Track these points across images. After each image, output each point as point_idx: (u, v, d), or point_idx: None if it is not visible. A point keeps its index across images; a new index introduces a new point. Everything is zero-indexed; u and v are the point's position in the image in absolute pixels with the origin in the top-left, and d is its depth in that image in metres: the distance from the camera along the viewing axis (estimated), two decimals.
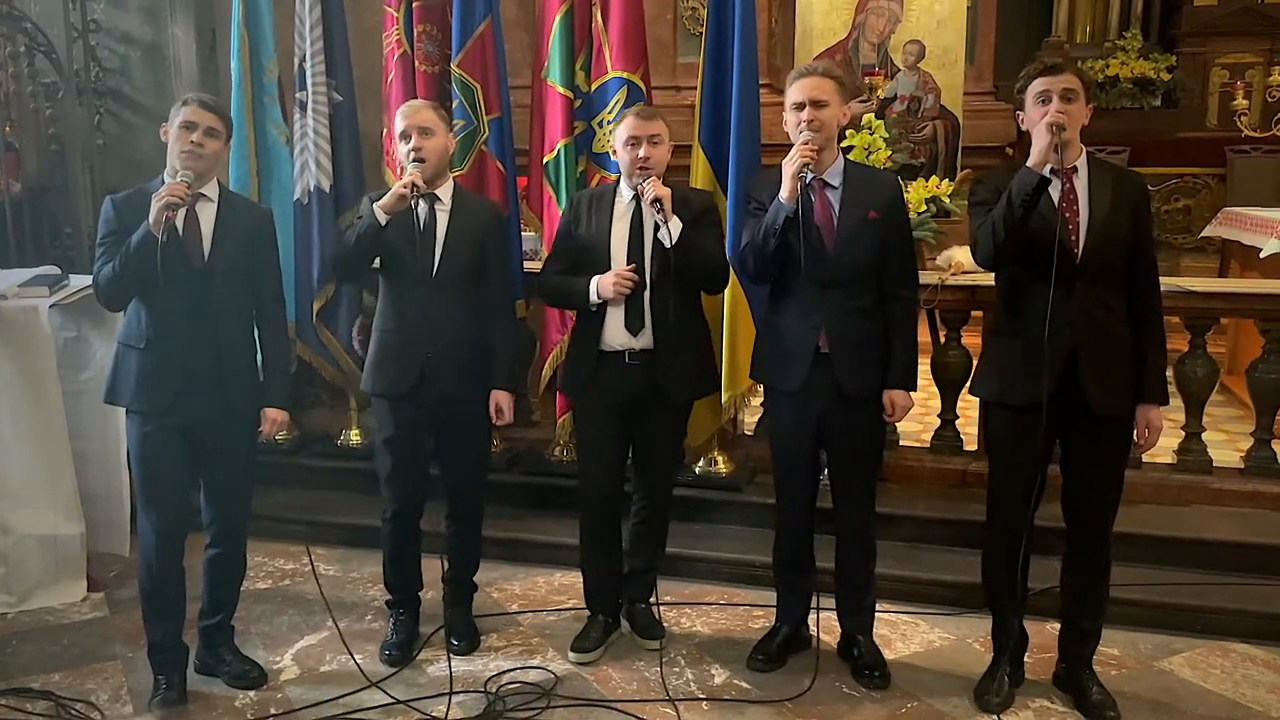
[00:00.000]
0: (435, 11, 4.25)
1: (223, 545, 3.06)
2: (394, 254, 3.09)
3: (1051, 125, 2.57)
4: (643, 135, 3.03)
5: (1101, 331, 2.69)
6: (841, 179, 2.93)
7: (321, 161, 4.27)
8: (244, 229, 2.97)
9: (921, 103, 6.66)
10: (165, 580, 2.95)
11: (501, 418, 3.22)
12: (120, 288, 2.80)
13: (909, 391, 2.96)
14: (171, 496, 2.92)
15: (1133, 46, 8.93)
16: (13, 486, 3.59)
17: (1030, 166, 2.59)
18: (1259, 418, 3.91)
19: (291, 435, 4.58)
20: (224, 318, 2.91)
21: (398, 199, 2.97)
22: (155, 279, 2.71)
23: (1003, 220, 2.62)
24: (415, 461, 3.21)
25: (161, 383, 2.84)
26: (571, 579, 3.42)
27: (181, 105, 2.87)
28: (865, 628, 3.14)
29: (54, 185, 4.91)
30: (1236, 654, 3.24)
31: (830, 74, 2.90)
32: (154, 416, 2.86)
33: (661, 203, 2.95)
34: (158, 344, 2.84)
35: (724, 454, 4.10)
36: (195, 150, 2.81)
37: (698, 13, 7.72)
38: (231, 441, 2.98)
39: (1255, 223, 5.43)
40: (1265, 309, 3.86)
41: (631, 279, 3.02)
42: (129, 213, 2.81)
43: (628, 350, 3.09)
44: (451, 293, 3.10)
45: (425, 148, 3.04)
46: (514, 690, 3.04)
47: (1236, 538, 3.61)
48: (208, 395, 2.88)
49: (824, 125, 2.84)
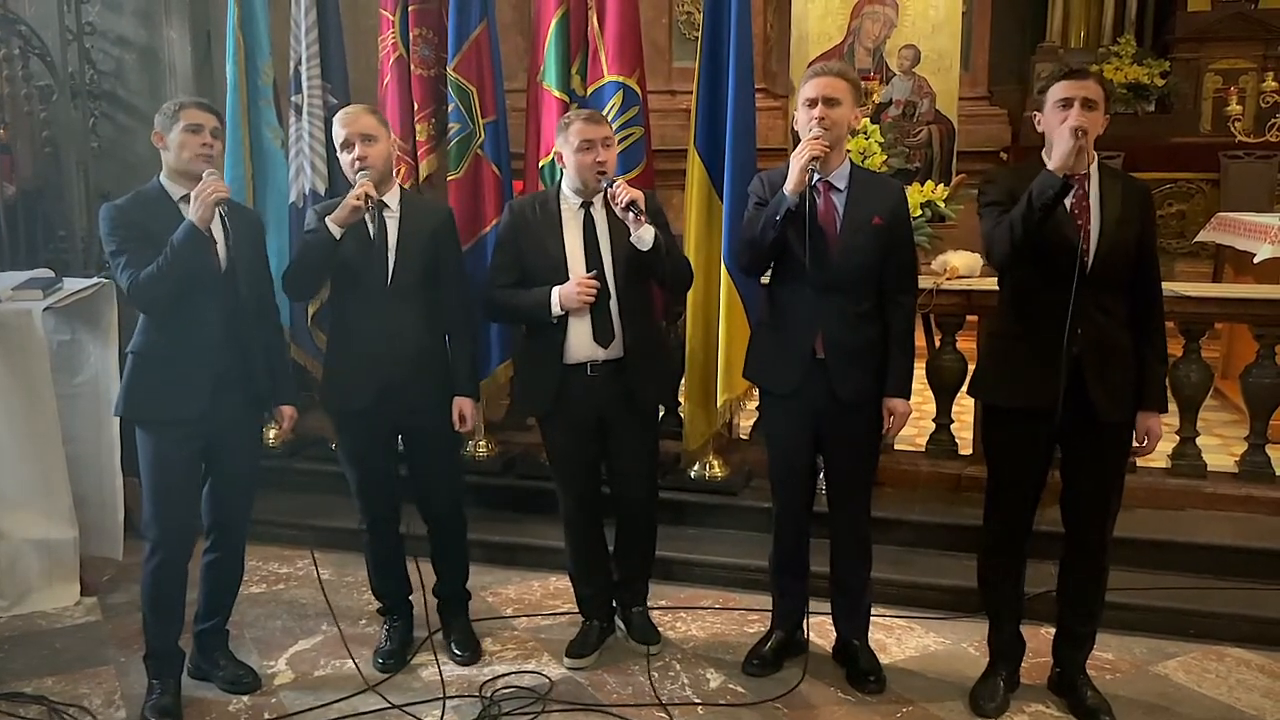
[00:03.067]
0: (431, 15, 4.25)
1: (223, 549, 3.05)
2: (346, 266, 3.00)
3: (1075, 130, 2.55)
4: (596, 139, 2.96)
5: (1105, 337, 2.69)
6: (847, 183, 2.90)
7: (316, 165, 4.26)
8: (246, 232, 2.96)
9: (917, 107, 6.66)
10: (170, 588, 2.93)
11: (465, 425, 3.15)
12: (167, 288, 2.73)
13: (906, 399, 2.93)
14: (184, 508, 2.91)
15: (1127, 52, 8.96)
16: (6, 490, 3.58)
17: (1051, 169, 2.57)
18: (1253, 422, 3.91)
19: (286, 439, 4.56)
20: (246, 321, 2.90)
21: (351, 211, 2.89)
22: (204, 278, 2.74)
23: (1021, 221, 2.60)
24: (383, 473, 3.17)
25: (192, 391, 2.81)
26: (566, 583, 3.41)
27: (178, 109, 2.83)
28: (861, 632, 3.14)
29: (48, 188, 4.89)
30: (1231, 658, 3.24)
31: (845, 75, 2.87)
32: (177, 427, 2.82)
33: (637, 204, 2.88)
34: (189, 351, 2.81)
35: (719, 458, 4.10)
36: (208, 153, 2.79)
37: (693, 17, 7.72)
38: (244, 445, 2.99)
39: (1249, 228, 5.45)
40: (1259, 314, 3.88)
41: (595, 286, 2.95)
42: (137, 215, 2.78)
43: (591, 362, 3.02)
44: (407, 301, 3.03)
45: (370, 155, 2.96)
46: (509, 695, 3.03)
47: (1231, 542, 3.61)
48: (233, 400, 2.88)
49: (835, 124, 2.80)
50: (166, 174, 2.86)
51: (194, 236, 2.71)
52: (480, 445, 4.34)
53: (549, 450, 3.24)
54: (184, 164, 2.80)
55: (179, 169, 2.82)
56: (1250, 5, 8.94)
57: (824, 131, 2.77)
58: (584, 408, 3.06)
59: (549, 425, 3.18)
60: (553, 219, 3.05)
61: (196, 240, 2.72)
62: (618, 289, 3.00)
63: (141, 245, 2.75)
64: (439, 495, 3.22)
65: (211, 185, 2.71)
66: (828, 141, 2.77)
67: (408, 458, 3.21)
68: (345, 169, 3.03)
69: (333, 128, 3.07)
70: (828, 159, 2.82)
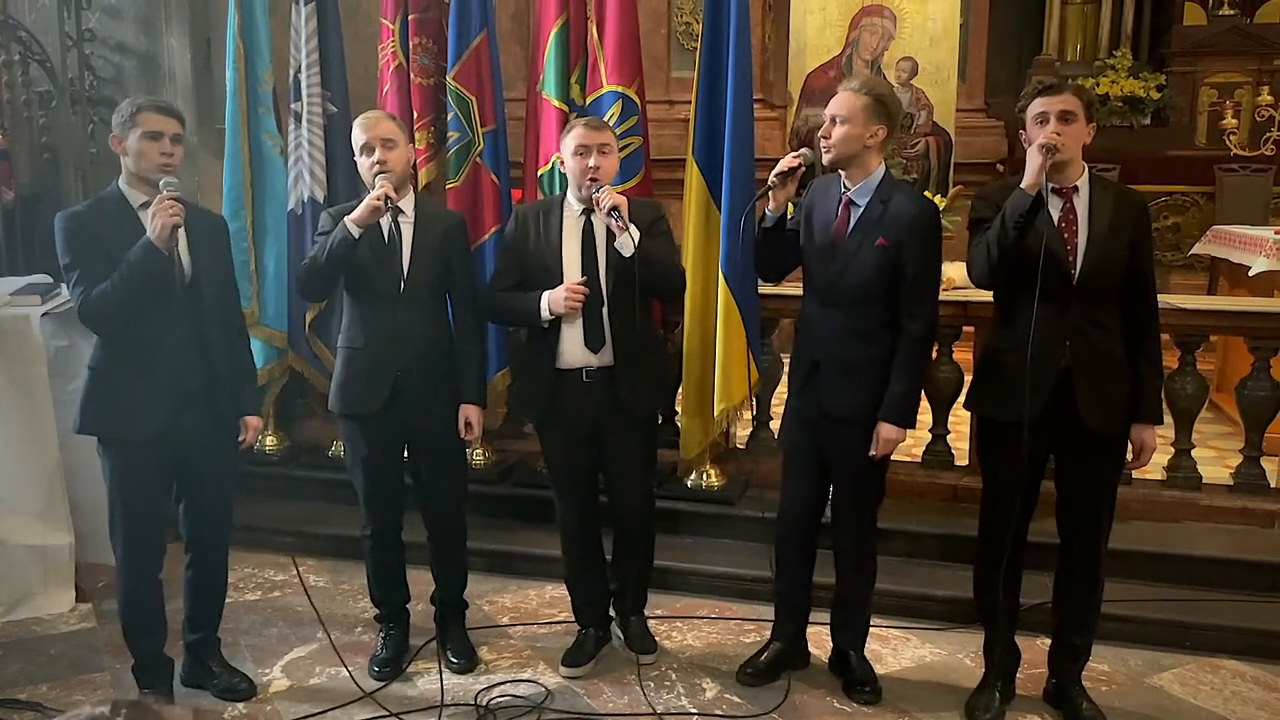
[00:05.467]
0: (431, 24, 4.26)
1: (205, 561, 3.03)
2: (360, 269, 3.02)
3: (1043, 147, 2.56)
4: (592, 144, 2.97)
5: (1097, 350, 2.69)
6: (869, 198, 2.84)
7: (316, 172, 4.27)
8: (210, 239, 2.90)
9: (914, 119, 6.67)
10: (144, 602, 2.92)
11: (471, 432, 3.16)
12: (120, 308, 2.65)
13: (903, 428, 2.87)
14: (151, 523, 2.87)
15: (1123, 65, 9.00)
16: (2, 495, 3.58)
17: (1023, 188, 2.58)
18: (1248, 434, 3.92)
19: (283, 446, 4.57)
20: (210, 332, 2.84)
21: (371, 212, 2.90)
22: (163, 295, 2.64)
23: (996, 241, 2.62)
24: (390, 478, 3.17)
25: (153, 407, 2.75)
26: (563, 592, 3.41)
27: (135, 113, 2.68)
28: (858, 644, 3.14)
29: (47, 194, 4.90)
30: (1226, 670, 3.24)
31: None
32: (137, 444, 2.76)
33: (619, 210, 2.89)
34: (151, 366, 2.73)
35: (716, 467, 4.10)
36: (168, 161, 2.71)
37: (692, 28, 7.74)
38: (217, 457, 2.94)
39: (1244, 241, 5.47)
40: (1254, 326, 3.88)
41: (583, 292, 2.96)
42: (95, 225, 2.68)
43: (585, 368, 3.03)
44: (420, 306, 3.05)
45: (390, 159, 2.98)
46: (505, 704, 3.03)
47: (1226, 554, 3.62)
48: (197, 414, 2.83)
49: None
50: (125, 179, 2.76)
51: (150, 255, 2.60)
52: (478, 453, 4.34)
53: (546, 457, 3.24)
54: (143, 171, 2.71)
55: (138, 175, 2.73)
56: (1246, 19, 8.98)
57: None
58: (577, 414, 3.06)
59: (545, 431, 3.18)
60: (554, 225, 3.07)
61: (153, 260, 2.61)
62: (609, 296, 3.00)
63: (95, 259, 2.64)
64: (442, 500, 3.22)
65: (168, 207, 2.59)
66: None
67: (412, 463, 3.21)
68: (363, 173, 3.04)
69: (352, 132, 3.08)
70: (851, 173, 2.82)
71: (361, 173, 3.06)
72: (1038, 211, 2.58)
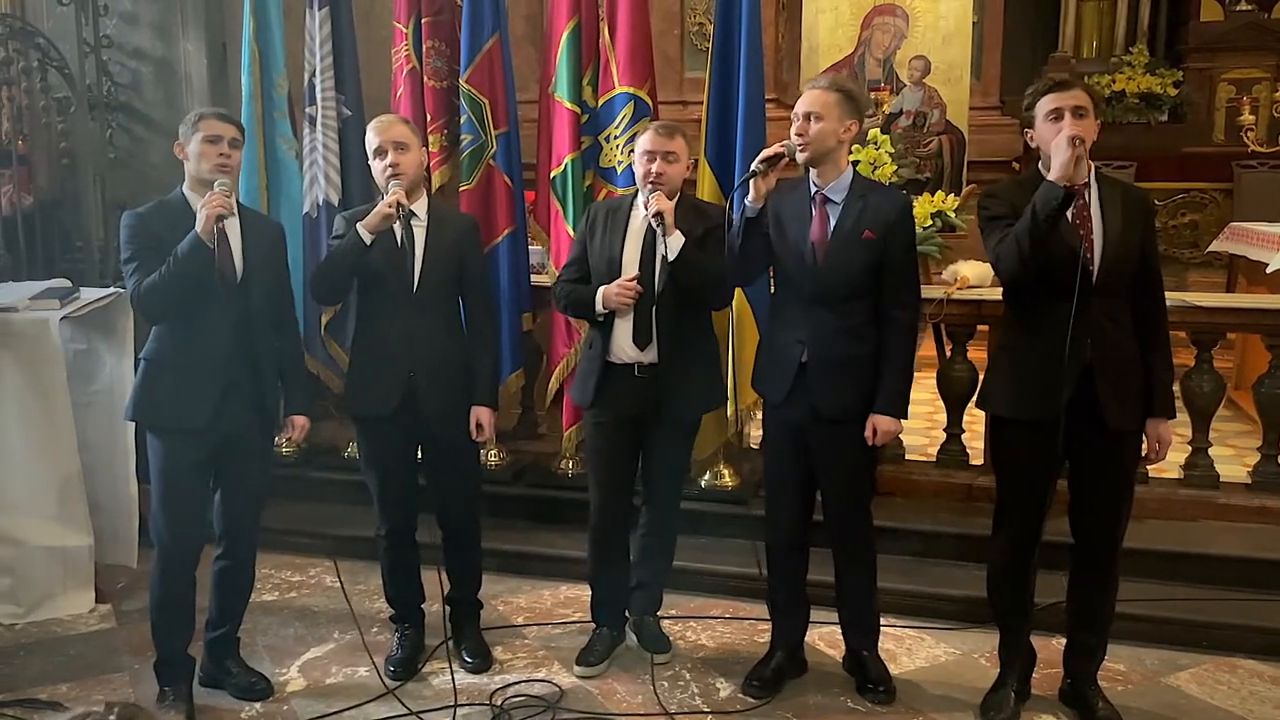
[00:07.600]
0: (444, 27, 4.29)
1: (234, 556, 3.07)
2: (373, 273, 3.05)
3: (1072, 139, 2.54)
4: (658, 151, 3.03)
5: (1115, 346, 2.69)
6: (845, 195, 2.90)
7: (330, 176, 4.30)
8: (266, 241, 3.00)
9: (927, 118, 6.67)
10: (179, 595, 2.97)
11: (482, 434, 3.18)
12: (167, 297, 2.78)
13: (898, 419, 2.88)
14: (193, 515, 2.94)
15: (1139, 62, 8.95)
16: (22, 498, 3.61)
17: (1052, 180, 2.56)
18: (1266, 432, 3.89)
19: (299, 447, 4.59)
20: (260, 330, 2.94)
21: (383, 219, 2.95)
22: (207, 288, 2.77)
23: (1027, 234, 2.59)
24: (404, 480, 3.20)
25: (201, 399, 2.84)
26: (577, 592, 3.42)
27: (198, 120, 2.87)
28: (870, 643, 3.13)
29: (65, 199, 4.94)
30: (1243, 670, 3.22)
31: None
32: (187, 434, 2.85)
33: (662, 216, 2.94)
34: (198, 360, 2.84)
35: (730, 467, 4.10)
36: (225, 163, 2.84)
37: (704, 28, 7.75)
38: (253, 455, 3.00)
39: (1262, 238, 5.43)
40: (1272, 324, 3.86)
41: (634, 289, 3.01)
42: (157, 224, 2.83)
43: (636, 363, 3.09)
44: (433, 309, 3.09)
45: (402, 163, 3.01)
46: (519, 703, 3.04)
47: (1243, 553, 3.60)
48: (243, 408, 2.90)
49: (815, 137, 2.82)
50: (188, 184, 2.91)
51: (196, 247, 2.74)
52: (492, 454, 4.35)
53: (587, 446, 3.31)
54: (202, 174, 2.85)
55: (198, 178, 2.87)
56: (1263, 15, 8.92)
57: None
58: (621, 408, 3.12)
59: (590, 420, 3.25)
60: (620, 223, 3.14)
61: (198, 251, 2.74)
62: (659, 296, 3.03)
63: (153, 255, 2.79)
64: (456, 501, 3.25)
65: (215, 199, 2.74)
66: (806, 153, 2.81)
67: (426, 465, 3.23)
68: (377, 176, 3.08)
69: (366, 135, 3.12)
70: (823, 171, 2.86)
71: (375, 175, 3.10)
72: (1071, 202, 2.56)
